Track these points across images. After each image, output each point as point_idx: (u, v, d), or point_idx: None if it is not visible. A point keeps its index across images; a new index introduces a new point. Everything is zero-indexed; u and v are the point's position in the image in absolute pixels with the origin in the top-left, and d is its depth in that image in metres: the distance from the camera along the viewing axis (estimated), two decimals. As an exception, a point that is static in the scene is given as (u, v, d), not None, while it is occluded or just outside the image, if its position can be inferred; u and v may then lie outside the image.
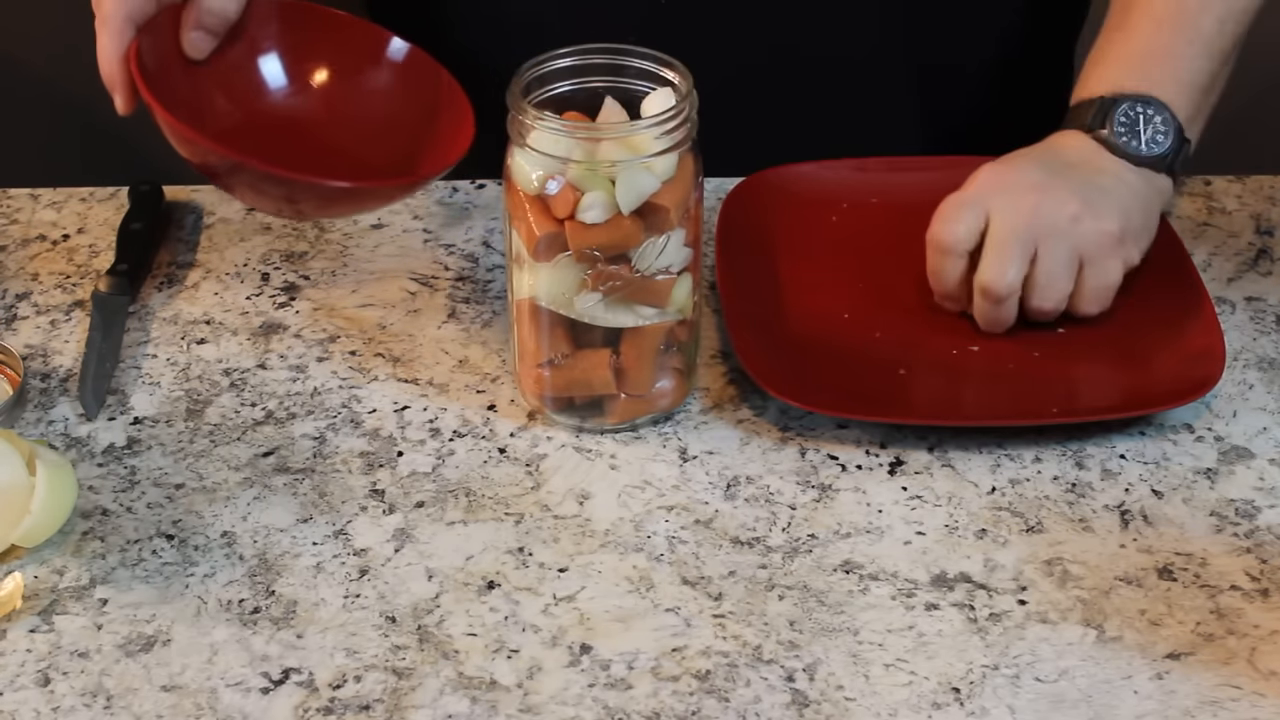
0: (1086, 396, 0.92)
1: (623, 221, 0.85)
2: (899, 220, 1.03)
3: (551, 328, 0.88)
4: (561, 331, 0.88)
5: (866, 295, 0.98)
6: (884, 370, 0.93)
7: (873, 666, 0.78)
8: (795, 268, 1.00)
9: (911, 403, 0.92)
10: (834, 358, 0.94)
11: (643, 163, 0.85)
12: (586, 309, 0.87)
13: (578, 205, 0.85)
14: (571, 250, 0.86)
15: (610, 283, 0.86)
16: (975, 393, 0.93)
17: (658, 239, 0.86)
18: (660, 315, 0.88)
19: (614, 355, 0.89)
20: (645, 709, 0.77)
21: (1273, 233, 1.05)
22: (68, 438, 0.91)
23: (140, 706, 0.77)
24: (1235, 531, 0.85)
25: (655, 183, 0.85)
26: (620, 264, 0.86)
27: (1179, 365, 0.92)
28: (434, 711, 0.77)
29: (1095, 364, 0.94)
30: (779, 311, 0.97)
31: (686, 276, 0.89)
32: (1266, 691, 0.77)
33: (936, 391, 0.93)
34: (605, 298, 0.87)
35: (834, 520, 0.86)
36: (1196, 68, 0.99)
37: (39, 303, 1.00)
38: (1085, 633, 0.80)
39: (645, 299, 0.87)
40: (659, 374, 0.90)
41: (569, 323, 0.88)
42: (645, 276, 0.87)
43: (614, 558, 0.84)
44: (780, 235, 1.02)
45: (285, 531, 0.85)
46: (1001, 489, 0.87)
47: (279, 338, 0.97)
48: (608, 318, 0.87)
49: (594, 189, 0.84)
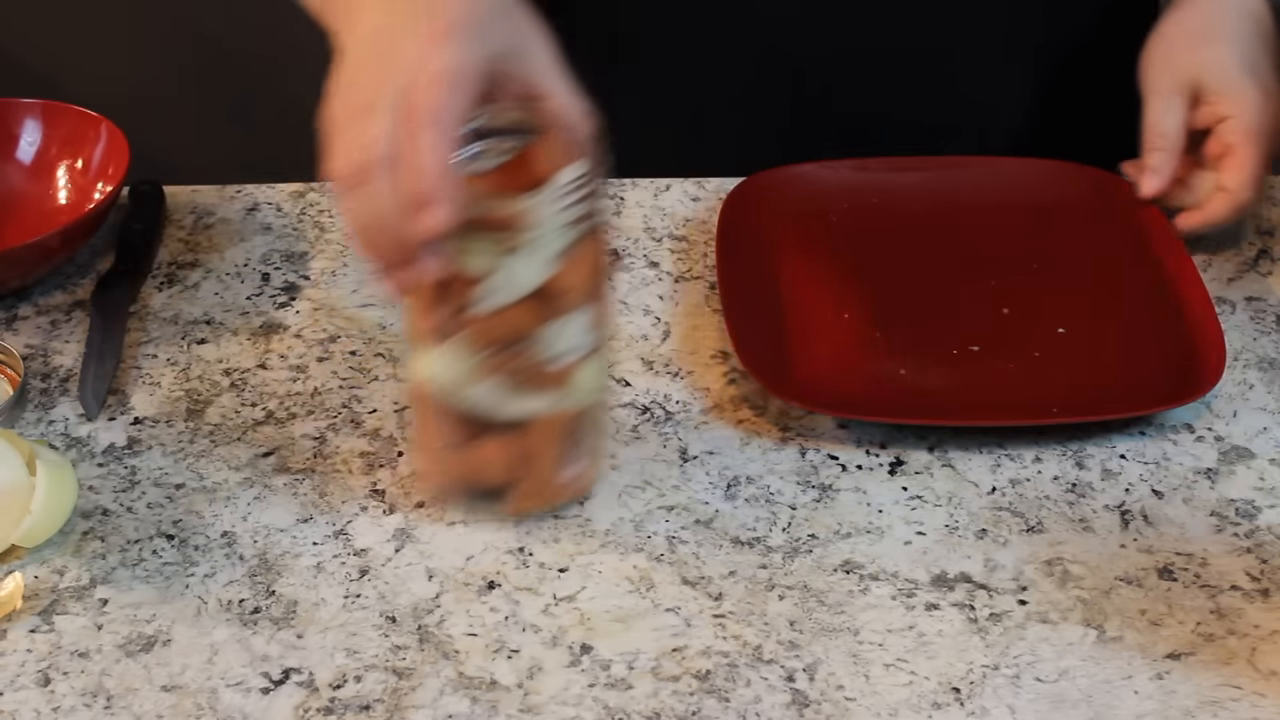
0: (1086, 396, 0.92)
1: (519, 306, 0.78)
2: (899, 220, 1.03)
3: (447, 412, 0.81)
4: (457, 417, 0.81)
5: (866, 295, 0.98)
6: (884, 370, 0.93)
7: (873, 666, 0.78)
8: (795, 268, 1.00)
9: (912, 403, 0.92)
10: (834, 358, 0.94)
11: (541, 240, 0.76)
12: (481, 397, 0.80)
13: (470, 288, 0.77)
14: (464, 336, 0.78)
15: (507, 369, 0.79)
16: (976, 393, 0.93)
17: (558, 323, 0.79)
18: (563, 401, 0.81)
19: (514, 442, 0.82)
20: (645, 709, 0.77)
21: (1273, 233, 1.05)
22: (68, 438, 0.91)
23: (140, 706, 0.77)
24: (1235, 531, 0.85)
25: (554, 262, 0.77)
26: (518, 349, 0.79)
27: (1179, 365, 0.92)
28: (434, 711, 0.77)
29: (1095, 364, 0.94)
30: (779, 312, 0.97)
31: (594, 360, 0.81)
32: (1267, 691, 0.77)
33: (937, 391, 0.93)
34: (502, 385, 0.80)
35: (834, 520, 0.86)
36: None
37: (39, 303, 1.00)
38: (1085, 633, 0.80)
39: (546, 385, 0.80)
40: (565, 462, 0.83)
41: (466, 407, 0.81)
42: (545, 362, 0.79)
43: (614, 558, 0.84)
44: (780, 236, 1.02)
45: (285, 531, 0.85)
46: (1002, 489, 0.87)
47: (279, 338, 0.97)
48: (504, 406, 0.80)
49: (487, 269, 0.76)
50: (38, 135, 1.06)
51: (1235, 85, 0.99)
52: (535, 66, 0.77)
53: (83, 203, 1.04)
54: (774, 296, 0.98)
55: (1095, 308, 0.98)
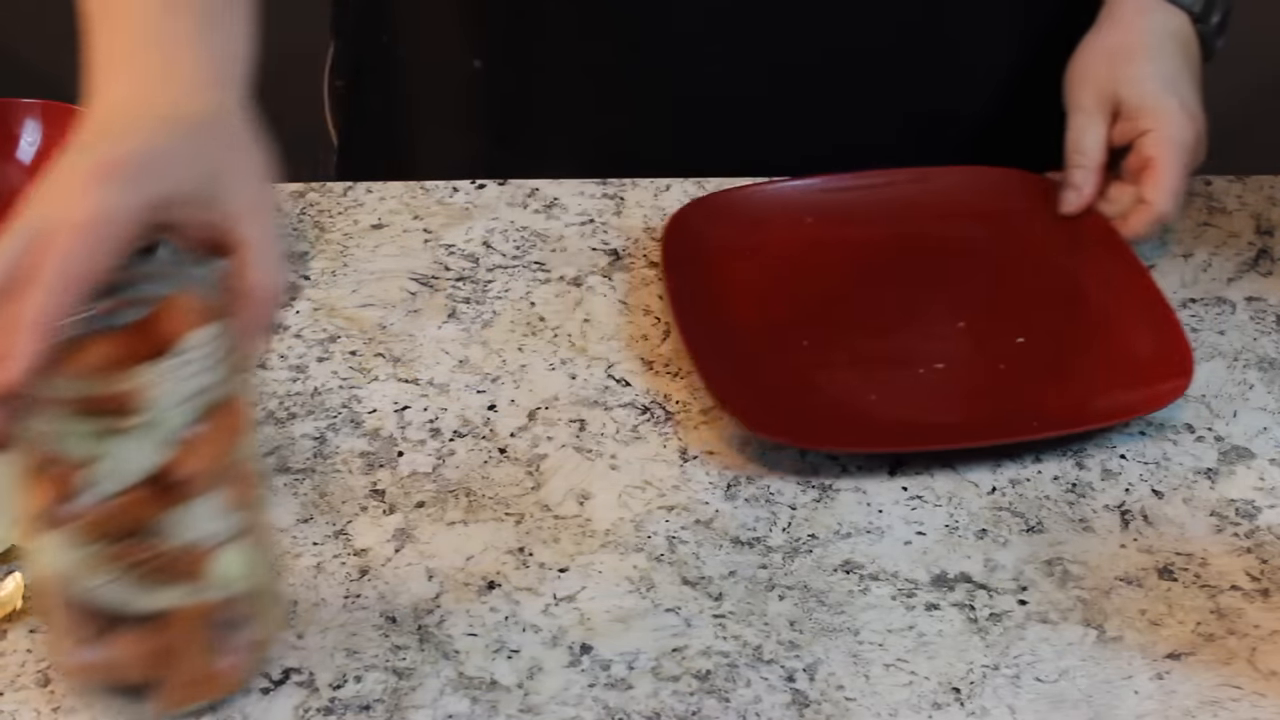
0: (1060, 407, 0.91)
1: (134, 493, 0.69)
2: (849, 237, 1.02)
3: (71, 605, 0.72)
4: (83, 610, 0.72)
5: (823, 319, 0.97)
6: (853, 397, 0.92)
7: (873, 666, 0.78)
8: (748, 295, 0.99)
9: (882, 429, 0.90)
10: (799, 387, 0.93)
11: (156, 420, 0.68)
12: (103, 590, 0.71)
13: (74, 475, 0.68)
14: (74, 527, 0.69)
15: (127, 561, 0.70)
16: (943, 413, 0.91)
17: (182, 510, 0.70)
18: (203, 593, 0.72)
19: (152, 637, 0.73)
20: (645, 709, 0.77)
21: (1273, 233, 1.05)
22: (68, 438, 0.91)
23: (140, 706, 0.77)
24: (1235, 531, 0.85)
25: (172, 444, 0.69)
26: (137, 540, 0.70)
27: (1146, 373, 0.91)
28: (434, 711, 0.76)
29: (1061, 373, 0.93)
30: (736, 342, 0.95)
31: (237, 545, 0.73)
32: (1267, 691, 0.77)
33: (908, 414, 0.91)
34: (126, 577, 0.71)
35: (834, 520, 0.86)
36: None
37: (39, 303, 1.00)
38: (1085, 633, 0.80)
39: (179, 577, 0.72)
40: (218, 653, 0.75)
41: (88, 600, 0.72)
42: (174, 552, 0.71)
43: (614, 558, 0.84)
44: (729, 260, 1.00)
45: (285, 531, 0.85)
46: (1002, 489, 0.87)
47: (279, 338, 0.97)
48: (133, 600, 0.71)
49: (90, 455, 0.68)
50: (38, 135, 1.06)
51: (1154, 101, 0.99)
52: (228, 211, 0.70)
53: None
54: (729, 326, 0.96)
55: (1053, 315, 0.97)
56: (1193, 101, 1.01)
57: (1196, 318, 0.98)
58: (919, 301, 0.99)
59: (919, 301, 0.99)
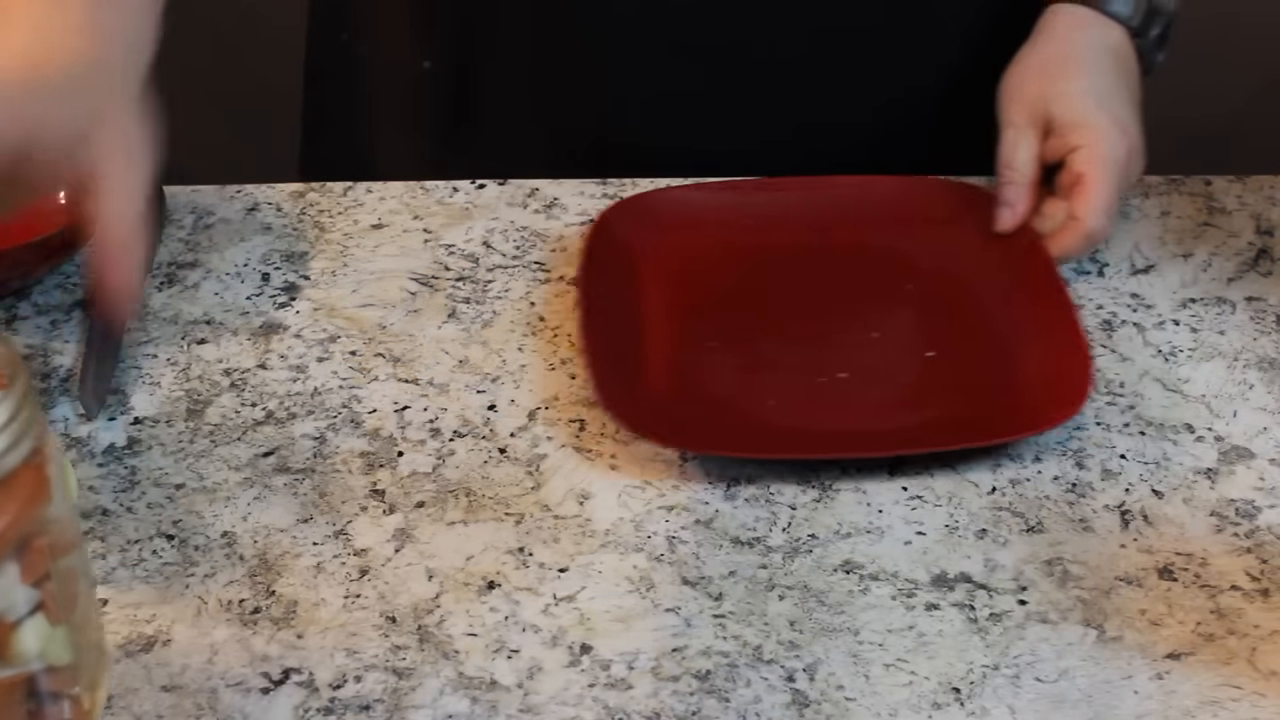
0: (947, 423, 0.90)
1: None
2: (770, 243, 1.01)
3: None
4: None
5: (734, 323, 0.96)
6: (753, 401, 0.91)
7: (873, 666, 0.78)
8: (659, 297, 0.98)
9: (780, 435, 0.89)
10: (697, 389, 0.92)
11: None
12: None
13: None
14: None
15: None
16: (843, 421, 0.90)
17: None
18: (9, 667, 0.69)
19: None
20: (645, 709, 0.77)
21: (1273, 233, 1.05)
22: (67, 438, 0.91)
23: (140, 706, 0.77)
24: (1235, 531, 0.85)
25: None
26: None
27: (1041, 390, 0.90)
28: (434, 711, 0.77)
29: (958, 390, 0.92)
30: (641, 343, 0.94)
31: (37, 620, 0.69)
32: (1267, 691, 0.77)
33: (804, 422, 0.90)
34: None
35: (834, 520, 0.86)
36: None
37: (39, 303, 1.00)
38: (1085, 633, 0.80)
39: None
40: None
41: None
42: None
43: (614, 558, 0.84)
44: (644, 263, 0.99)
45: (285, 531, 0.85)
46: (1002, 489, 0.87)
47: (279, 338, 0.97)
48: None
49: None
50: None
51: (1085, 117, 0.98)
52: (93, 154, 0.71)
53: None
54: (636, 328, 0.95)
55: (964, 330, 0.96)
56: (1126, 117, 1.00)
57: (1196, 318, 0.98)
58: (837, 310, 0.97)
59: (837, 310, 0.97)
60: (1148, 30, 1.03)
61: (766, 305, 0.98)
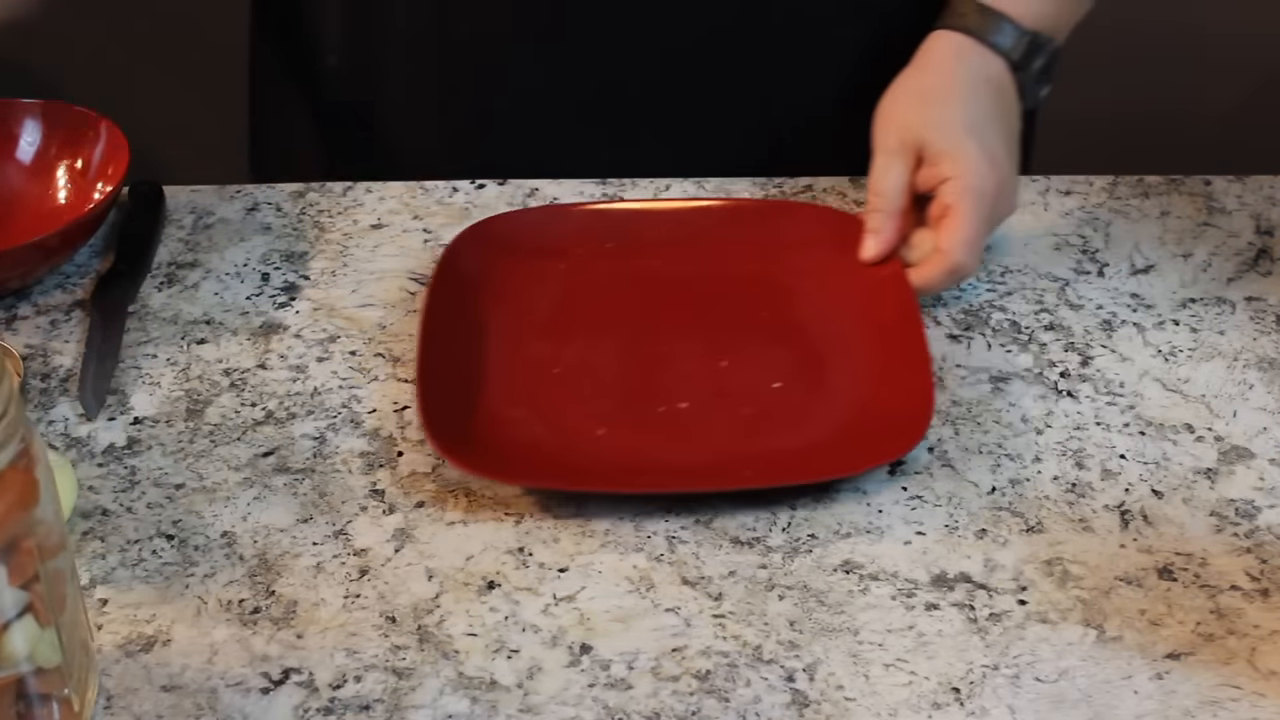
0: (781, 457, 0.88)
1: None
2: (631, 268, 0.99)
3: None
4: None
5: (579, 349, 0.94)
6: (582, 430, 0.89)
7: (873, 666, 0.78)
8: (506, 321, 0.96)
9: (604, 467, 0.88)
10: (531, 418, 0.90)
11: None
12: None
13: None
14: None
15: None
16: (671, 454, 0.89)
17: None
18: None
19: None
20: (645, 709, 0.77)
21: (1273, 233, 1.05)
22: (68, 438, 0.91)
23: (140, 706, 0.77)
24: (1235, 531, 0.85)
25: None
26: None
27: (879, 426, 0.89)
28: (434, 711, 0.77)
29: (797, 423, 0.90)
30: (479, 370, 0.93)
31: (25, 622, 0.69)
32: (1266, 691, 0.77)
33: (631, 454, 0.89)
34: None
35: (834, 520, 0.86)
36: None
37: (39, 303, 1.00)
38: (1085, 633, 0.80)
39: None
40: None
41: None
42: None
43: (614, 558, 0.84)
44: (495, 286, 0.98)
45: (285, 531, 0.85)
46: (1001, 489, 0.87)
47: (279, 338, 0.97)
48: None
49: None
50: (38, 135, 1.06)
51: (957, 146, 0.96)
52: None
53: (82, 203, 1.04)
54: (476, 352, 0.94)
55: (814, 361, 0.94)
56: (999, 149, 0.98)
57: (1196, 318, 0.98)
58: (689, 337, 0.95)
59: (689, 337, 0.95)
60: (1030, 63, 1.00)
61: (617, 332, 0.96)
